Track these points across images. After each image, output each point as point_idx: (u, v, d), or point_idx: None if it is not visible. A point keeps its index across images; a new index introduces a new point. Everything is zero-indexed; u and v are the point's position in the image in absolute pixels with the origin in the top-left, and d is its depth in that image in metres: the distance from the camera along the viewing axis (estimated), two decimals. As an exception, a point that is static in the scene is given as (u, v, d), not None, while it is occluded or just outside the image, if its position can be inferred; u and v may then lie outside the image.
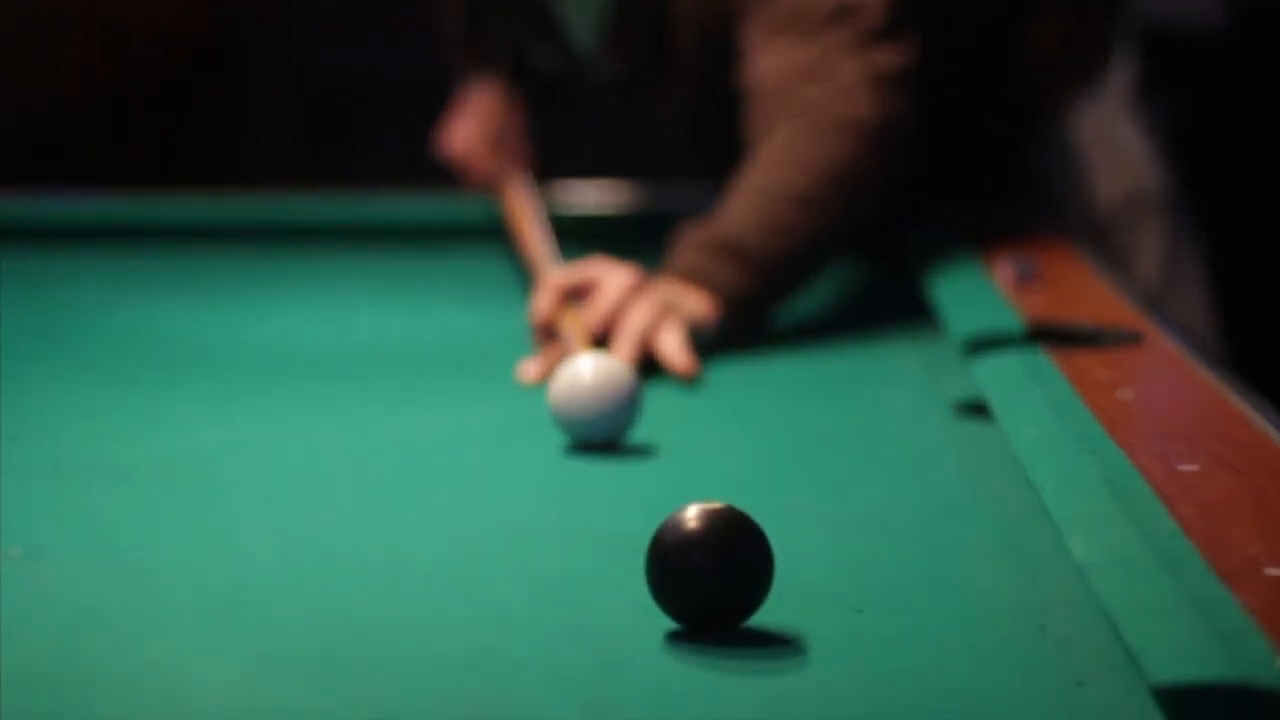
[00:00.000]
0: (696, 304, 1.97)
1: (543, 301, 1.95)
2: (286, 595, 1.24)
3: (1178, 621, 1.04)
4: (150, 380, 1.93)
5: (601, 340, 1.90)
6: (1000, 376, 1.68)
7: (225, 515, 1.44)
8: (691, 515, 1.14)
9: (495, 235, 2.49)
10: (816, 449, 1.67)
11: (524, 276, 2.25)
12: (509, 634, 1.15)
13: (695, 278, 1.99)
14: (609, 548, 1.34)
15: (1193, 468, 1.36)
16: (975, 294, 1.99)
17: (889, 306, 2.20)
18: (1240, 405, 1.55)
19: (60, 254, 2.53)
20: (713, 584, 1.13)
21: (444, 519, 1.44)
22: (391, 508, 1.47)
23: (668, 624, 1.15)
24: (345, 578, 1.28)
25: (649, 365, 1.88)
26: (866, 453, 1.66)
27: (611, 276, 1.95)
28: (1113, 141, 2.48)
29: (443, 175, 2.74)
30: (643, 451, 1.63)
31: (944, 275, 2.09)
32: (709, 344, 1.96)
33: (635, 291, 1.93)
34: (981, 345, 1.77)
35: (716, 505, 1.15)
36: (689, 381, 1.88)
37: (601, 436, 1.61)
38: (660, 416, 1.70)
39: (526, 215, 2.36)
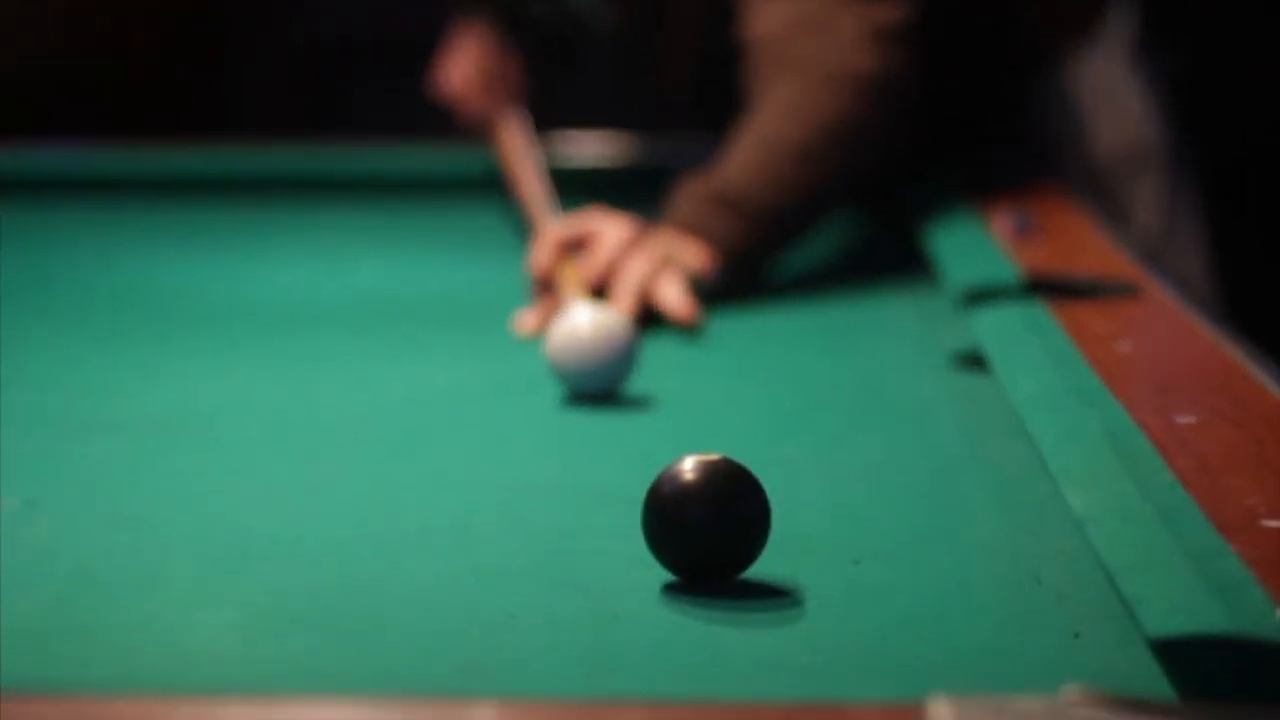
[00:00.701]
0: (694, 255, 1.97)
1: (541, 254, 1.95)
2: (283, 549, 1.24)
3: (1175, 574, 1.04)
4: (147, 334, 1.93)
5: (600, 292, 1.90)
6: (998, 329, 1.67)
7: (222, 469, 1.44)
8: (688, 467, 1.14)
9: (494, 188, 2.49)
10: (814, 401, 1.67)
11: (522, 227, 2.24)
12: (506, 587, 1.15)
13: (694, 229, 2.00)
14: (606, 500, 1.34)
15: (1191, 420, 1.36)
16: (973, 246, 1.99)
17: (887, 259, 2.19)
18: (1238, 358, 1.55)
19: (57, 206, 2.52)
20: (709, 536, 1.13)
21: (441, 472, 1.44)
22: (389, 461, 1.47)
23: (664, 576, 1.15)
24: (342, 531, 1.28)
25: (648, 316, 1.88)
26: (864, 405, 1.66)
27: (609, 228, 1.95)
28: (1112, 94, 2.47)
29: (441, 127, 2.73)
30: (640, 404, 1.62)
31: (942, 227, 2.09)
32: (707, 295, 1.96)
33: (633, 243, 1.93)
34: (979, 297, 1.77)
35: (713, 457, 1.15)
36: (690, 329, 1.88)
37: (599, 387, 1.61)
38: (657, 369, 1.70)
39: (522, 161, 2.36)
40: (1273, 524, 1.13)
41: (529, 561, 1.21)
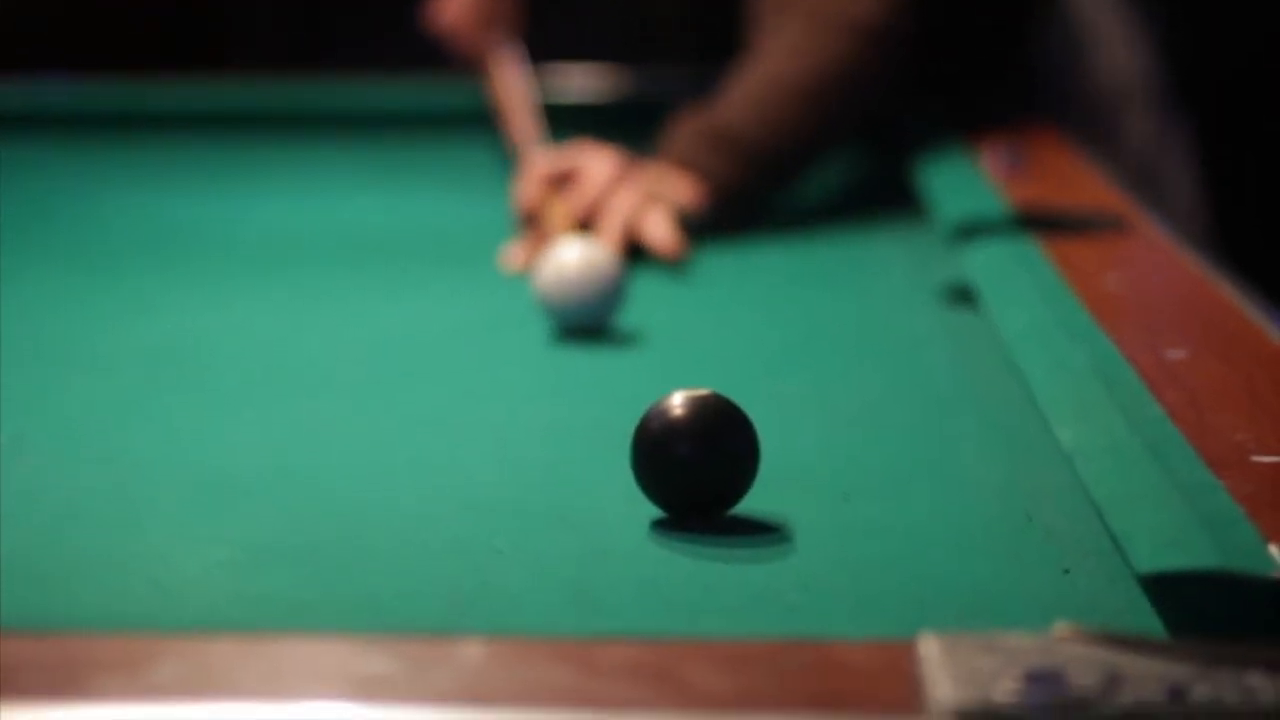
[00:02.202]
0: (684, 190, 1.97)
1: (527, 188, 1.95)
2: (271, 484, 1.23)
3: (1165, 509, 1.04)
4: (138, 269, 1.93)
5: (587, 226, 1.89)
6: (988, 264, 1.67)
7: (211, 405, 1.44)
8: (677, 403, 1.14)
9: (486, 122, 2.48)
10: (804, 337, 1.67)
11: (512, 161, 2.23)
12: (494, 523, 1.15)
13: (687, 165, 2.00)
14: (595, 437, 1.34)
15: (1180, 355, 1.36)
16: (964, 182, 1.98)
17: (878, 194, 2.19)
18: (1228, 293, 1.54)
19: (48, 141, 2.51)
20: (698, 471, 1.13)
21: (429, 408, 1.43)
22: (377, 397, 1.47)
23: (653, 512, 1.15)
24: (330, 467, 1.28)
25: (634, 251, 1.88)
26: (854, 341, 1.65)
27: (596, 162, 1.95)
28: (1105, 29, 2.46)
29: (435, 59, 2.71)
30: (630, 340, 1.62)
31: (933, 163, 2.08)
32: (695, 230, 1.95)
33: (620, 177, 1.93)
34: (970, 232, 1.76)
35: (702, 392, 1.15)
36: (675, 264, 1.88)
37: (587, 322, 1.61)
38: (646, 305, 1.69)
39: (514, 94, 2.35)
40: (1263, 459, 1.13)
41: (517, 497, 1.21)
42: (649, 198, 1.93)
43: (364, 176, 2.41)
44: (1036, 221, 1.76)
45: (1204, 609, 0.94)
